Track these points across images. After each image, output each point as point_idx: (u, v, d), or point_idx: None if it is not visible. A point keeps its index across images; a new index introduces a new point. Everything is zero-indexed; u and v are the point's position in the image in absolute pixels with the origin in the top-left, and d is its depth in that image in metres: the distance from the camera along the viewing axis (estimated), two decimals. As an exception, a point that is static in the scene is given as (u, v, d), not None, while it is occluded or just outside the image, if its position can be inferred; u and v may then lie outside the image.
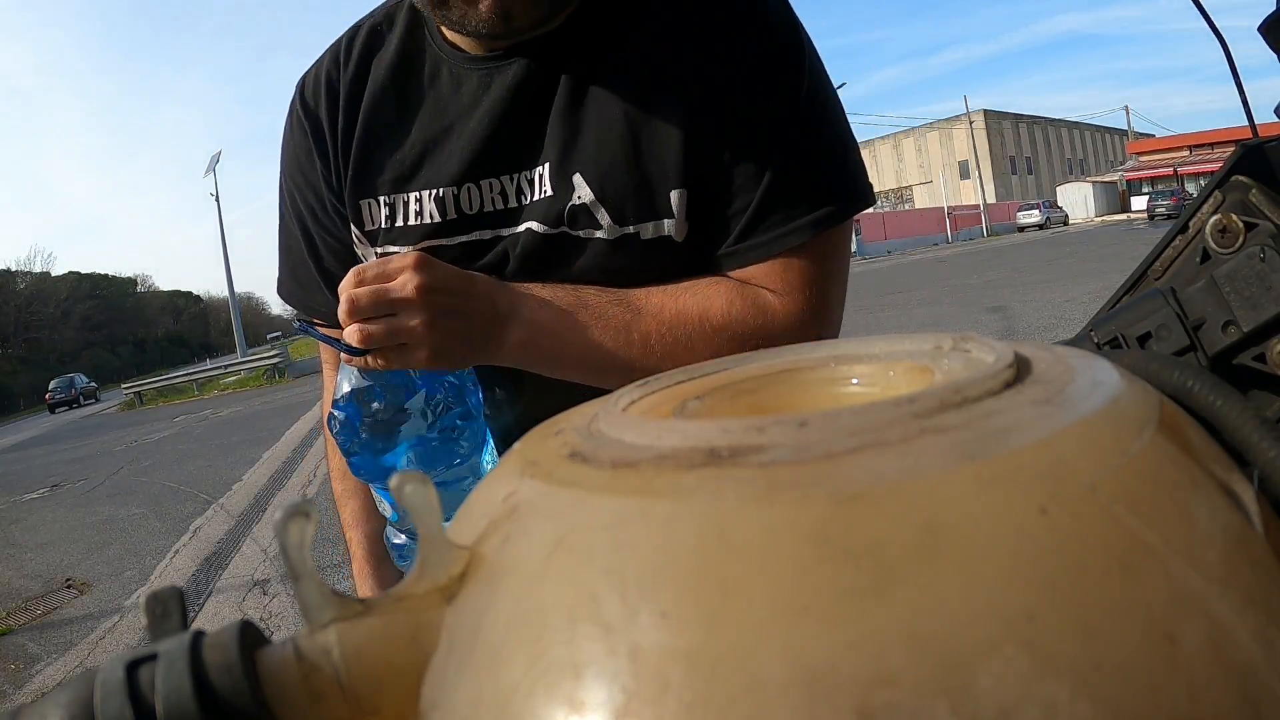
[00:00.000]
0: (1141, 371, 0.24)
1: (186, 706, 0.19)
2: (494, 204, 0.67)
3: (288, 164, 0.77)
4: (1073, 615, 0.15)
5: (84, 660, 3.28)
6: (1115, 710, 0.14)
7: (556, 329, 0.63)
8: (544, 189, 0.66)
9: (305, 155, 0.75)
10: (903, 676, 0.14)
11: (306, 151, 0.74)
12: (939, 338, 0.28)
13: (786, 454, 0.19)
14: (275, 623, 3.23)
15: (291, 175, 0.77)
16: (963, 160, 46.99)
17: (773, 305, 0.65)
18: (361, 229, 0.73)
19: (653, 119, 0.64)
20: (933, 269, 16.91)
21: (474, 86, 0.68)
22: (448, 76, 0.69)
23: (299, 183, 0.76)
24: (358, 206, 0.72)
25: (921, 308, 10.10)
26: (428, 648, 0.20)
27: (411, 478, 0.21)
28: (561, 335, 0.63)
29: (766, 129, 0.64)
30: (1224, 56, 0.54)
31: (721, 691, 0.15)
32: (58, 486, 8.71)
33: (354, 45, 0.73)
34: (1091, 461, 0.18)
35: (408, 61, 0.71)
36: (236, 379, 22.04)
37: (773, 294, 0.65)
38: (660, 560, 0.17)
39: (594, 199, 0.64)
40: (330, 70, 0.74)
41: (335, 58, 0.74)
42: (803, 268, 0.65)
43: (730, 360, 0.32)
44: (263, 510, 5.26)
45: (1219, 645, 0.16)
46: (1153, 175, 38.36)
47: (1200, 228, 0.33)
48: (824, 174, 0.66)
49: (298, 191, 0.77)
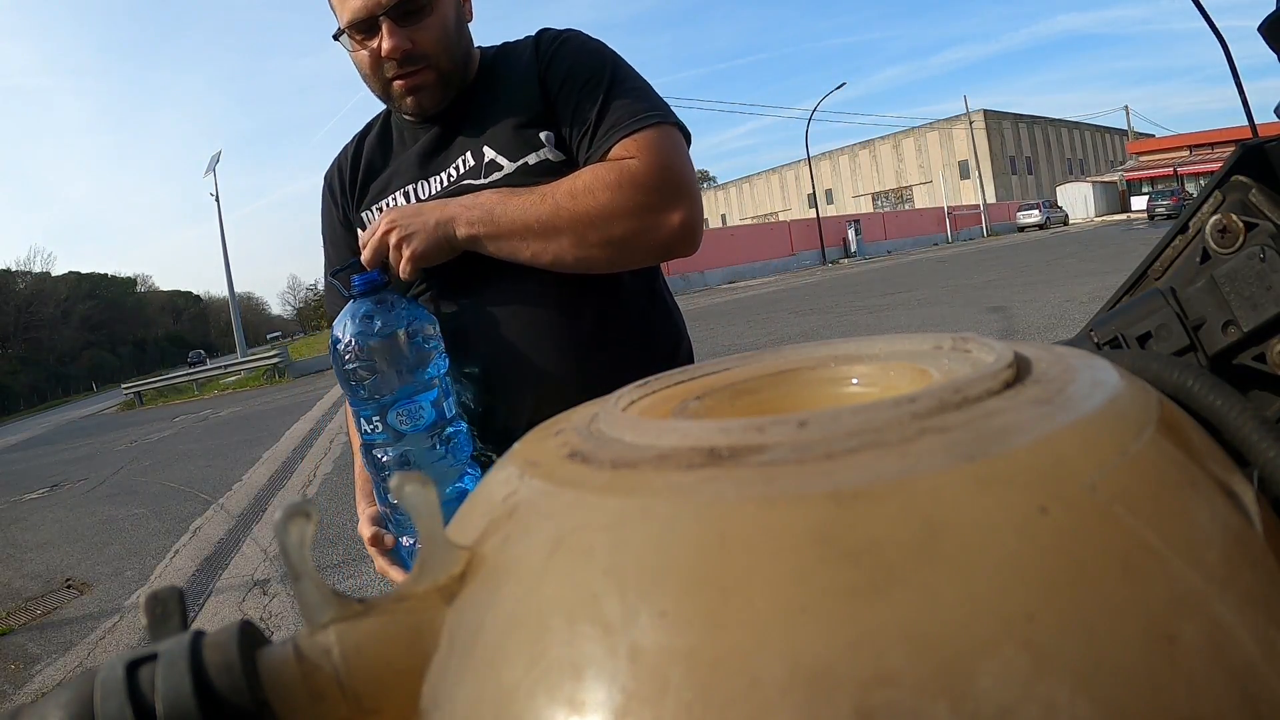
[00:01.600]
0: (1141, 371, 0.24)
1: (186, 706, 0.19)
2: (440, 184, 1.04)
3: (324, 226, 1.21)
4: (1072, 615, 0.15)
5: (84, 660, 3.28)
6: (1115, 710, 0.14)
7: (488, 210, 0.95)
8: (467, 163, 1.03)
9: (330, 214, 1.17)
10: (902, 676, 0.14)
11: (329, 212, 1.17)
12: (939, 338, 0.28)
13: (786, 454, 0.19)
14: (275, 623, 3.23)
15: (326, 228, 1.20)
16: (963, 160, 46.97)
17: (631, 164, 0.92)
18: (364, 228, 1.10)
19: (515, 104, 1.01)
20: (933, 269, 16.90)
21: (416, 136, 1.09)
22: (407, 135, 1.10)
23: (329, 233, 1.18)
24: (361, 218, 1.10)
25: (921, 308, 10.10)
26: (428, 648, 0.20)
27: (412, 478, 0.21)
28: (492, 212, 0.94)
29: (592, 86, 0.97)
30: (1224, 56, 0.54)
31: (721, 691, 0.15)
32: (58, 486, 8.71)
33: (355, 139, 1.16)
34: (1091, 461, 0.18)
35: (385, 132, 1.13)
36: (236, 379, 22.05)
37: (632, 160, 0.92)
38: (660, 560, 0.17)
39: (495, 153, 1.00)
40: (341, 159, 1.17)
41: (344, 149, 1.17)
42: (649, 141, 0.93)
43: (730, 360, 0.32)
44: (263, 510, 5.26)
45: (1219, 645, 0.16)
46: (1153, 175, 38.34)
47: (1200, 228, 0.33)
48: (642, 100, 0.97)
49: (328, 240, 1.19)
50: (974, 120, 45.93)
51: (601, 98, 0.98)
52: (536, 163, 0.99)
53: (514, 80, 1.04)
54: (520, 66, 1.05)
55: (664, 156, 0.93)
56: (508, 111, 1.02)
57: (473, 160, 1.03)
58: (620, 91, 0.98)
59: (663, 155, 0.94)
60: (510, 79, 1.05)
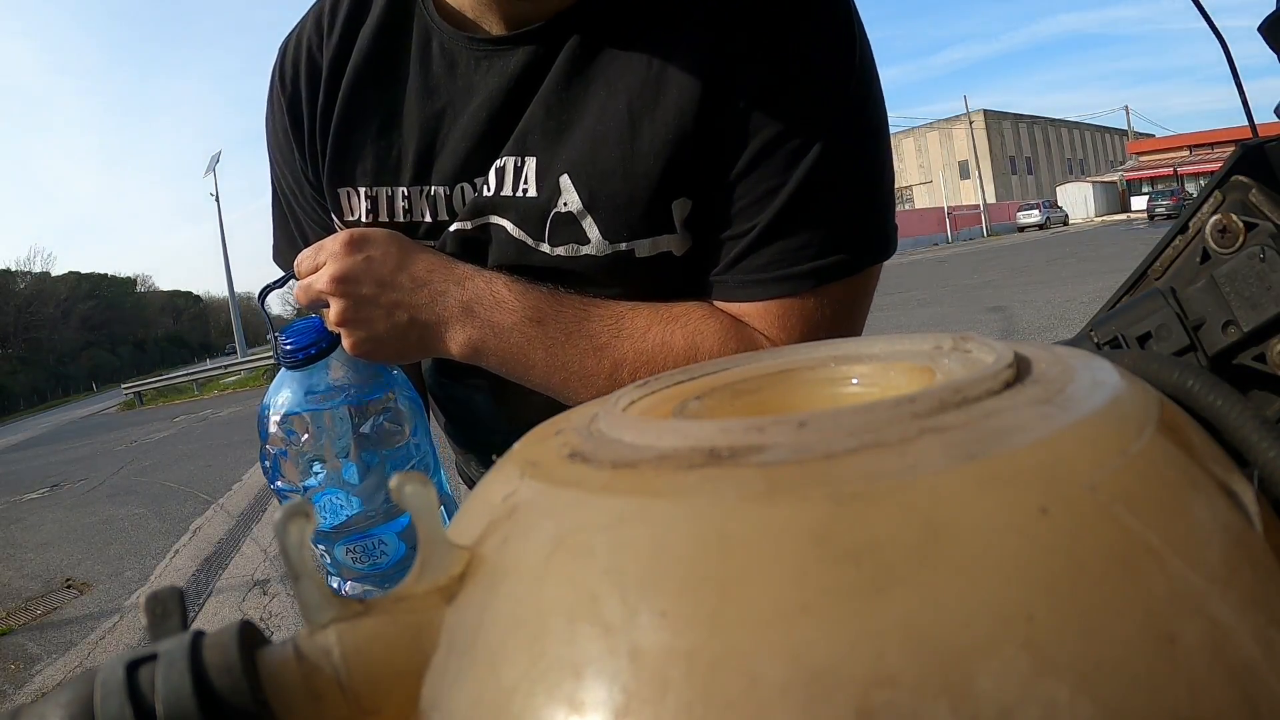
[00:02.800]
0: (1141, 371, 0.24)
1: (186, 706, 0.19)
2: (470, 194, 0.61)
3: (270, 139, 0.71)
4: (1073, 615, 0.15)
5: (84, 660, 3.28)
6: (1115, 710, 0.14)
7: (513, 337, 0.56)
8: (525, 185, 0.58)
9: (283, 136, 0.69)
10: (902, 676, 0.14)
11: (284, 132, 0.68)
12: (939, 338, 0.28)
13: (786, 454, 0.19)
14: (275, 623, 3.23)
15: (273, 150, 0.72)
16: (963, 160, 46.97)
17: (759, 343, 0.57)
18: (341, 218, 0.66)
19: (659, 111, 0.55)
20: (933, 269, 16.90)
21: (471, 71, 0.60)
22: (439, 54, 0.61)
23: (279, 161, 0.71)
24: (336, 195, 0.65)
25: (921, 308, 10.10)
26: (428, 648, 0.20)
27: (412, 478, 0.21)
28: (519, 345, 0.56)
29: (790, 141, 0.54)
30: (1224, 56, 0.54)
31: (721, 691, 0.15)
32: (58, 486, 8.71)
33: (339, 9, 0.65)
34: (1091, 461, 0.18)
35: (393, 31, 0.62)
36: (236, 379, 22.03)
37: (769, 341, 0.57)
38: (660, 560, 0.17)
39: (581, 207, 0.57)
40: (312, 37, 0.66)
41: (318, 22, 0.66)
42: (804, 317, 0.57)
43: (730, 360, 0.32)
44: (263, 510, 5.25)
45: (1219, 645, 0.16)
46: (1153, 175, 38.35)
47: (1200, 228, 0.33)
48: (845, 212, 0.56)
49: (279, 169, 0.72)
50: (974, 120, 45.94)
51: (792, 187, 0.55)
52: (642, 257, 0.57)
53: (685, 33, 0.55)
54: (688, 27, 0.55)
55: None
56: (635, 114, 0.55)
57: (536, 189, 0.58)
58: (822, 184, 0.55)
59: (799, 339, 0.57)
60: (681, 24, 0.55)
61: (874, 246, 0.59)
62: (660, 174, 0.55)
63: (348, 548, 0.59)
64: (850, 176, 0.57)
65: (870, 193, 0.58)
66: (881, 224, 0.59)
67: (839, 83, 0.56)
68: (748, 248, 0.57)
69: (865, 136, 0.58)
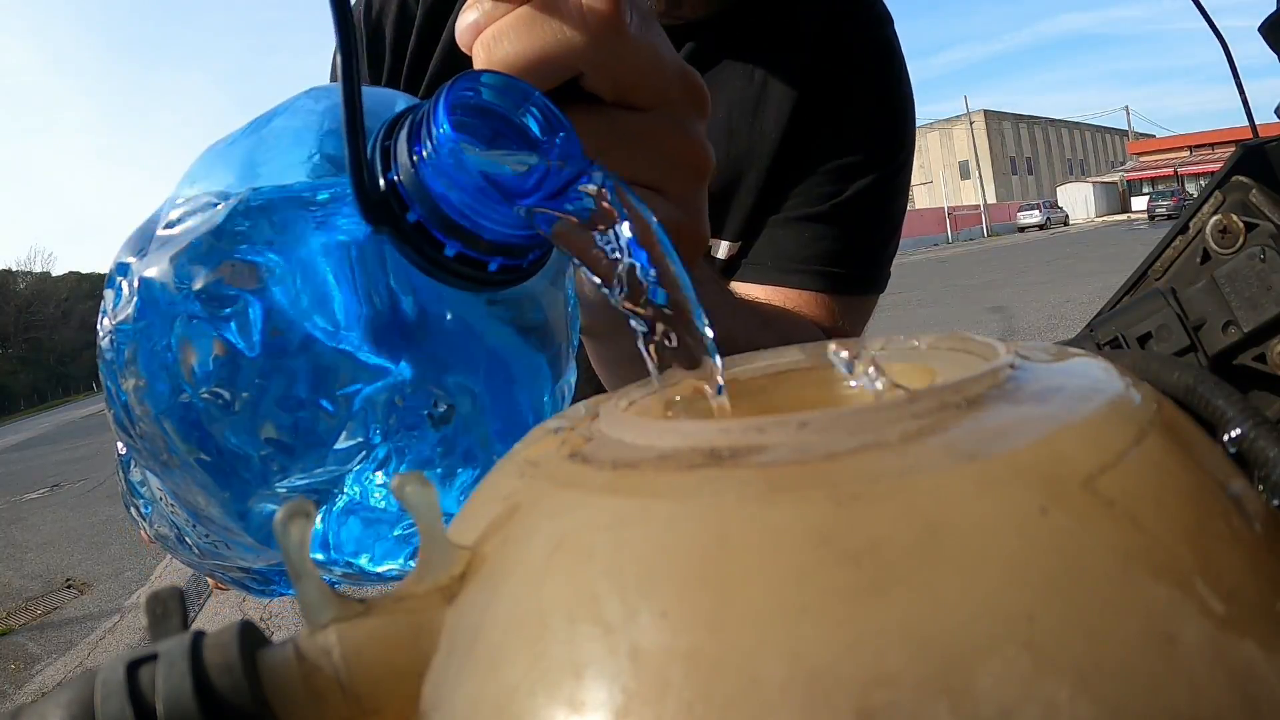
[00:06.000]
0: (1141, 371, 0.24)
1: (187, 707, 0.19)
2: None
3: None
4: (1073, 615, 0.15)
5: (84, 660, 3.28)
6: (1115, 710, 0.14)
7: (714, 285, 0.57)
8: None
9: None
10: (902, 676, 0.14)
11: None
12: (939, 338, 0.28)
13: (787, 454, 0.19)
14: (275, 623, 3.22)
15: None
16: (963, 160, 46.98)
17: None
18: None
19: (757, 121, 0.58)
20: (933, 269, 16.89)
21: None
22: None
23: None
24: None
25: (921, 308, 10.09)
26: (428, 648, 0.20)
27: (411, 478, 0.21)
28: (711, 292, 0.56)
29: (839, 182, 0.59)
30: (1224, 56, 0.54)
31: (721, 691, 0.15)
32: (58, 486, 8.71)
33: None
34: (1092, 461, 0.18)
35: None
36: (236, 379, 21.95)
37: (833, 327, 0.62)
38: (661, 561, 0.17)
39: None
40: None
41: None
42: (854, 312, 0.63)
43: (730, 360, 0.32)
44: (263, 510, 5.24)
45: (1219, 645, 0.16)
46: (1153, 175, 38.35)
47: (1200, 228, 0.33)
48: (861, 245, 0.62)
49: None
50: (974, 120, 45.94)
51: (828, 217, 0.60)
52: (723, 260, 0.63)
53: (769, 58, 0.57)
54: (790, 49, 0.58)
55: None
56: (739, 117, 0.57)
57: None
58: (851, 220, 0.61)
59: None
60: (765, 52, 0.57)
61: (868, 278, 0.64)
62: (745, 182, 0.59)
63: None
64: (888, 210, 0.63)
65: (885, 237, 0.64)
66: (881, 262, 0.65)
67: (911, 120, 0.63)
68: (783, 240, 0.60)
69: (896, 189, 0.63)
